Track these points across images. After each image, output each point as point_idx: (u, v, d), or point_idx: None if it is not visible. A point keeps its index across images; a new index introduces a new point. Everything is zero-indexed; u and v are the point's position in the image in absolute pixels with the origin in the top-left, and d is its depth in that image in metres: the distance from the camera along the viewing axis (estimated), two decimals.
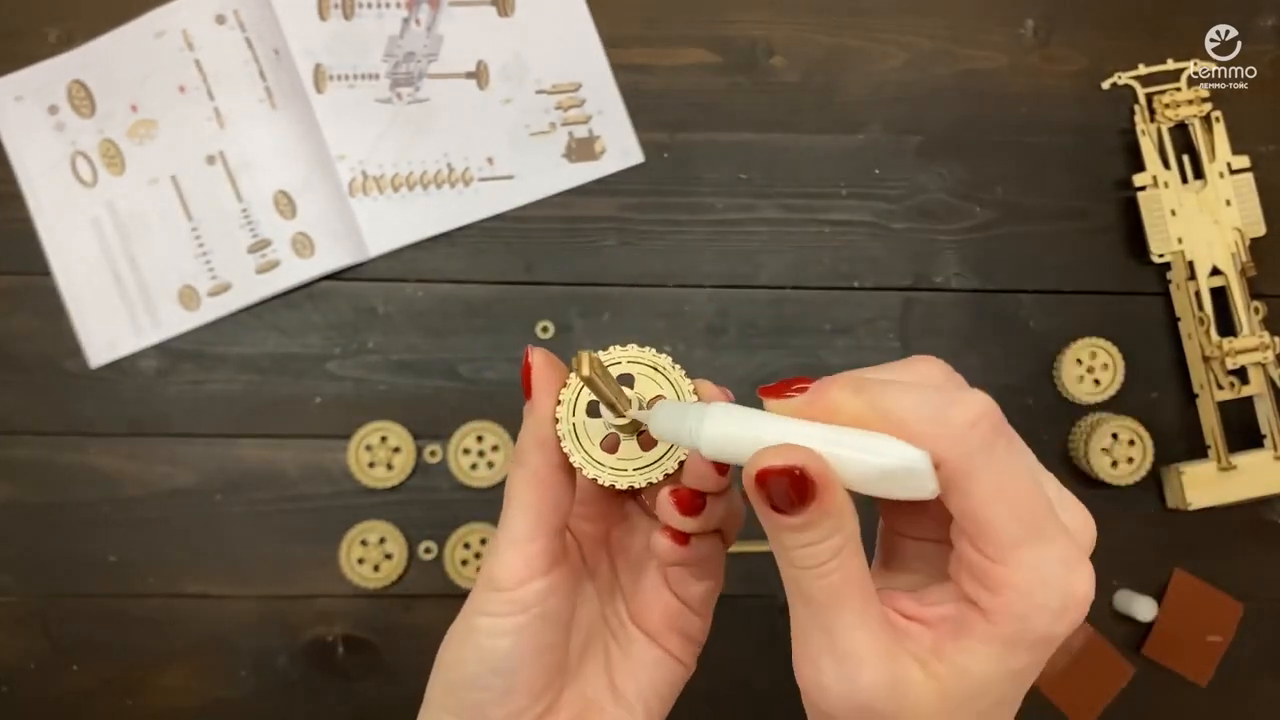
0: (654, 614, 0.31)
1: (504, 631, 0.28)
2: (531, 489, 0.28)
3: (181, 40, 0.61)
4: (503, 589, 0.28)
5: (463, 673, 0.28)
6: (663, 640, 0.31)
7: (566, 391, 0.28)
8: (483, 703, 0.28)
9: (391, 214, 0.61)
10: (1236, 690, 0.63)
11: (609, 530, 0.32)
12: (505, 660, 0.28)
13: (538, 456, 0.28)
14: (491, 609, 0.28)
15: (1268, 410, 0.61)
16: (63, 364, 0.61)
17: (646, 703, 0.31)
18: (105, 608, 0.61)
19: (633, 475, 0.28)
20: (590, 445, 0.28)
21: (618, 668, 0.31)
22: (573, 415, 0.27)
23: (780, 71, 0.63)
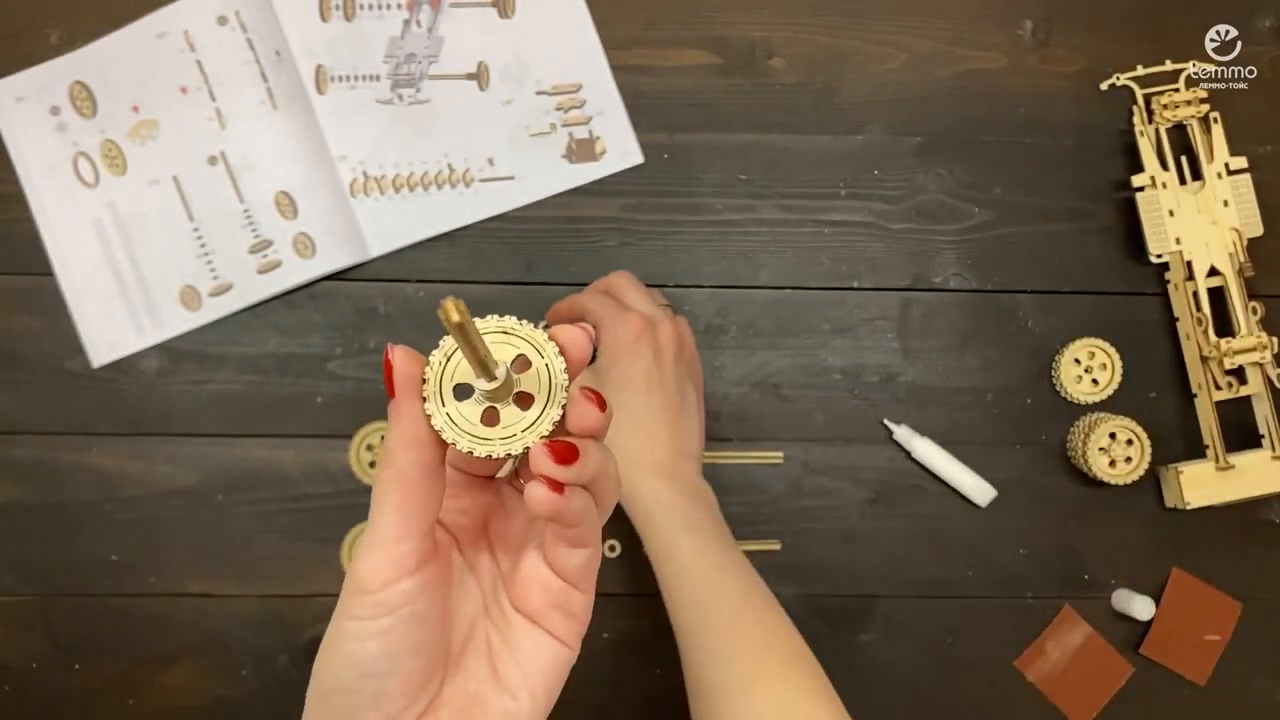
0: (534, 594, 0.31)
1: (371, 634, 0.27)
2: (399, 490, 0.27)
3: (183, 41, 0.62)
4: (369, 591, 0.27)
5: (334, 679, 0.28)
6: (544, 621, 0.31)
7: (429, 385, 0.27)
8: (357, 707, 0.28)
9: (392, 214, 0.62)
10: (1234, 689, 0.63)
11: (486, 520, 0.32)
12: (375, 663, 0.27)
13: (405, 456, 0.27)
14: (358, 612, 0.27)
15: (1265, 410, 0.62)
16: (64, 364, 0.61)
17: (531, 690, 0.31)
18: (107, 607, 0.61)
19: (522, 437, 0.27)
20: (471, 426, 0.27)
21: (500, 657, 0.31)
22: (443, 405, 0.27)
23: (780, 72, 0.64)
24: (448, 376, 0.27)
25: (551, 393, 0.27)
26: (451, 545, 0.31)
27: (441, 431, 0.27)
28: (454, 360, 0.27)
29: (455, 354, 0.27)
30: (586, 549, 0.30)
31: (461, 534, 0.32)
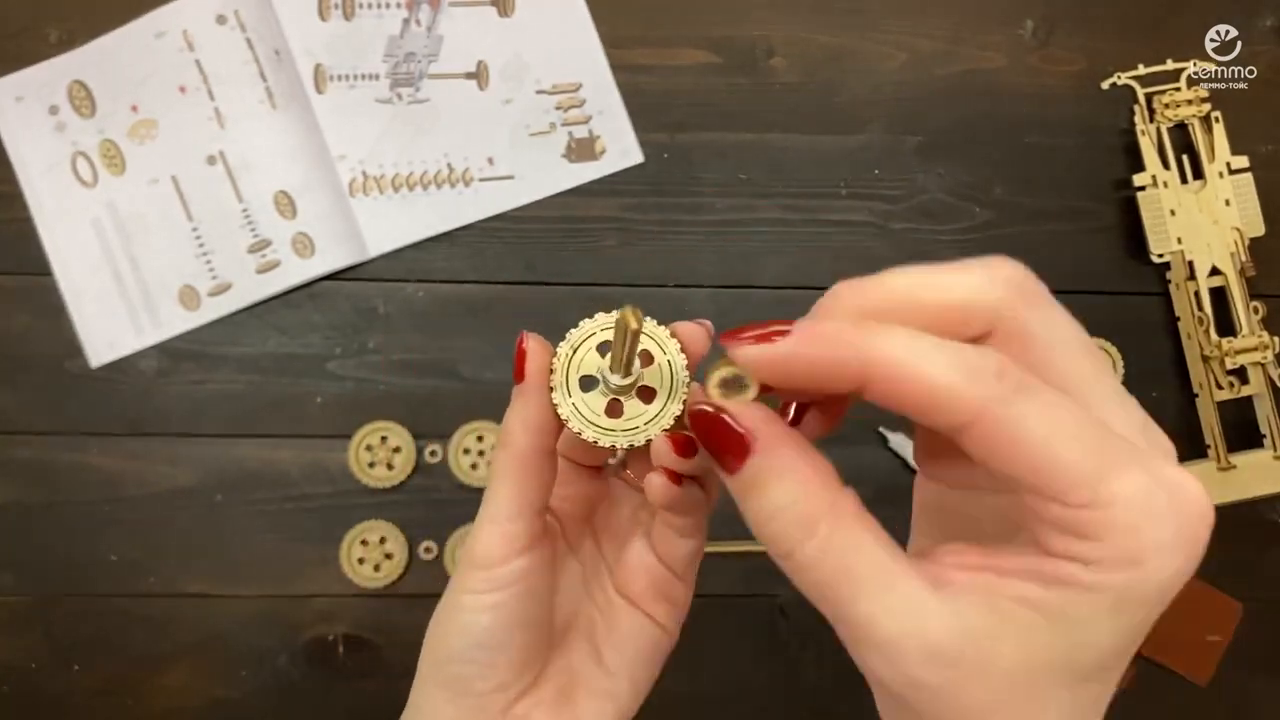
0: (639, 580, 0.32)
1: (485, 607, 0.29)
2: (518, 470, 0.28)
3: (182, 40, 0.61)
4: (485, 566, 0.28)
5: (448, 647, 0.29)
6: (647, 606, 0.32)
7: (556, 376, 0.28)
8: (468, 676, 0.29)
9: (392, 214, 0.61)
10: (1236, 690, 0.63)
11: (592, 510, 0.33)
12: (487, 635, 0.29)
13: (526, 439, 0.28)
14: (473, 586, 0.29)
15: (1267, 410, 0.61)
16: (63, 364, 0.61)
17: (632, 671, 0.32)
18: (106, 607, 0.61)
19: (644, 430, 0.28)
20: (596, 417, 0.28)
21: (603, 639, 0.32)
22: (569, 394, 0.28)
23: (780, 72, 0.63)
24: (574, 368, 0.28)
25: (673, 388, 0.28)
26: (557, 530, 0.33)
27: (568, 420, 0.28)
28: (580, 353, 0.28)
29: (582, 347, 0.28)
30: (694, 539, 0.31)
31: (566, 520, 0.33)
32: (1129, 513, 0.19)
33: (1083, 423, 0.20)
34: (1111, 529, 0.19)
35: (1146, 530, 0.19)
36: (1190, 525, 0.19)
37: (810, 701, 0.62)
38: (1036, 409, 0.19)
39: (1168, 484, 0.19)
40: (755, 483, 0.22)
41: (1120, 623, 0.20)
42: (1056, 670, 0.20)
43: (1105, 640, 0.20)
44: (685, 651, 0.62)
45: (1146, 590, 0.19)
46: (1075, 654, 0.20)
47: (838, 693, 0.62)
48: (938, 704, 0.20)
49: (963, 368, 0.20)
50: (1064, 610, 0.19)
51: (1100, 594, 0.19)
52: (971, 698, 0.20)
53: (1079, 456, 0.19)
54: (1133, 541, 0.19)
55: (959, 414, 0.20)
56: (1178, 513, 0.19)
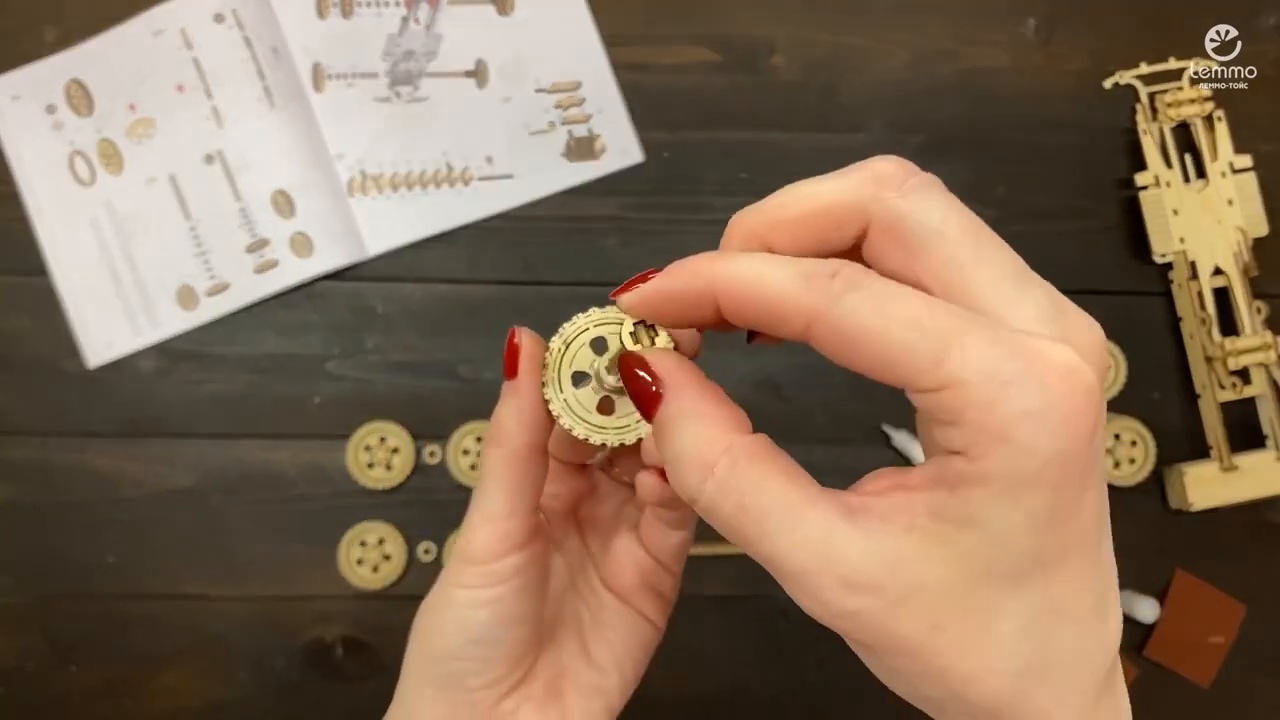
0: (627, 574, 0.32)
1: (482, 603, 0.28)
2: (512, 467, 0.28)
3: (180, 39, 0.61)
4: (480, 562, 0.28)
5: (442, 644, 0.29)
6: (635, 600, 0.32)
7: (548, 371, 0.28)
8: (462, 673, 0.29)
9: (390, 213, 0.61)
10: (1238, 691, 0.63)
11: (577, 505, 0.34)
12: (484, 631, 0.29)
13: (521, 436, 0.28)
14: (469, 581, 0.28)
15: (1270, 411, 0.61)
16: (60, 364, 0.61)
17: (620, 665, 0.32)
18: (104, 608, 0.60)
19: (635, 428, 0.28)
20: (587, 414, 0.28)
21: (590, 633, 0.32)
22: (561, 390, 0.28)
23: (781, 70, 0.63)
24: (566, 364, 0.28)
25: None
26: (546, 526, 0.33)
27: (559, 417, 0.28)
28: (572, 349, 0.28)
29: (574, 342, 0.28)
30: (683, 532, 0.32)
31: (551, 516, 0.33)
32: (979, 386, 0.18)
33: (919, 305, 0.19)
34: (966, 406, 0.18)
35: (1002, 400, 0.18)
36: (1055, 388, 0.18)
37: (810, 702, 0.62)
38: (869, 300, 0.19)
39: (1023, 351, 0.18)
40: (662, 428, 0.22)
41: (1025, 509, 0.18)
42: (988, 578, 0.19)
43: (1020, 534, 0.19)
44: (685, 651, 0.62)
45: (1031, 467, 0.18)
46: (997, 556, 0.19)
47: (838, 693, 0.62)
48: (874, 634, 0.20)
49: (797, 275, 0.20)
50: (968, 512, 0.19)
51: (987, 484, 0.18)
52: (907, 624, 0.19)
53: (917, 339, 0.18)
54: (991, 415, 0.18)
55: (797, 318, 0.20)
56: (1040, 376, 0.18)
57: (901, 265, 0.21)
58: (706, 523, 0.22)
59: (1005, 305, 0.20)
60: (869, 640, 0.20)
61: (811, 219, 0.22)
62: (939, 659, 0.20)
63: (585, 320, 0.28)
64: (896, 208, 0.21)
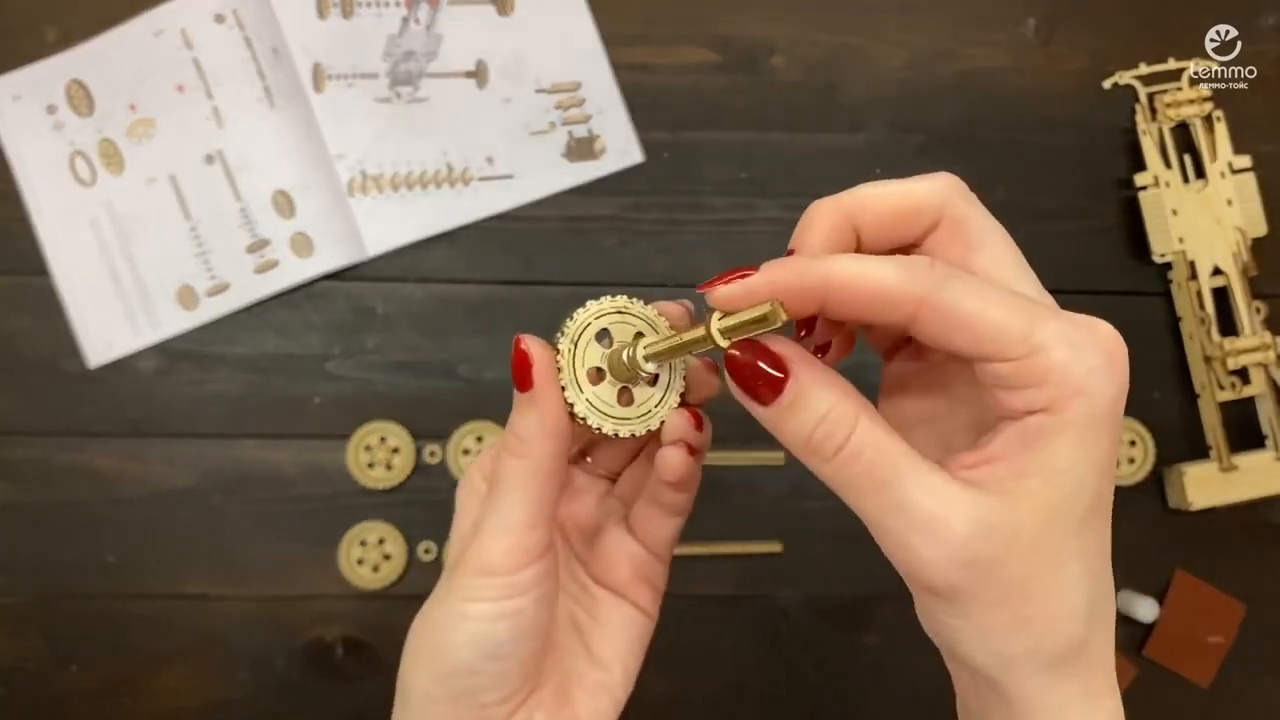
0: (621, 568, 0.32)
1: (502, 615, 0.28)
2: (534, 479, 0.28)
3: (180, 39, 0.61)
4: (501, 574, 0.28)
5: (455, 660, 0.28)
6: (630, 594, 0.32)
7: (564, 374, 0.28)
8: (476, 689, 0.28)
9: (390, 213, 0.61)
10: (1238, 691, 0.63)
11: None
12: (503, 645, 0.28)
13: (545, 447, 0.28)
14: (487, 594, 0.28)
15: (1269, 410, 0.61)
16: (61, 364, 0.61)
17: (622, 660, 0.32)
18: (104, 608, 0.60)
19: (656, 412, 0.28)
20: (610, 408, 0.28)
21: (589, 632, 0.32)
22: (581, 391, 0.28)
23: (781, 70, 0.63)
24: (580, 363, 0.28)
25: (672, 367, 0.29)
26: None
27: (585, 418, 0.28)
28: (581, 346, 0.28)
29: (581, 339, 0.28)
30: (680, 519, 0.32)
31: None
32: (1060, 351, 0.23)
33: (1005, 293, 0.23)
34: (1051, 369, 0.23)
35: (1078, 361, 0.23)
36: (1111, 350, 0.24)
37: (810, 702, 0.62)
38: (966, 287, 0.23)
39: (1083, 324, 0.24)
40: (795, 402, 0.24)
41: (1091, 454, 0.23)
42: (1063, 522, 0.23)
43: (1088, 477, 0.23)
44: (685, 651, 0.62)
45: (1098, 414, 0.23)
46: (1070, 501, 0.23)
47: (837, 693, 0.62)
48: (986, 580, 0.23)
49: (901, 267, 0.23)
50: (1050, 463, 0.23)
51: (1068, 432, 0.23)
52: (1011, 569, 0.23)
53: (1009, 318, 0.23)
54: (1072, 374, 0.23)
55: (906, 304, 0.23)
56: (1098, 343, 0.24)
57: (959, 256, 0.26)
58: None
59: (1032, 292, 0.25)
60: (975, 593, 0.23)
61: (901, 211, 0.26)
62: (1029, 606, 0.23)
63: (585, 315, 0.28)
64: (965, 211, 0.26)
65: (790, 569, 0.62)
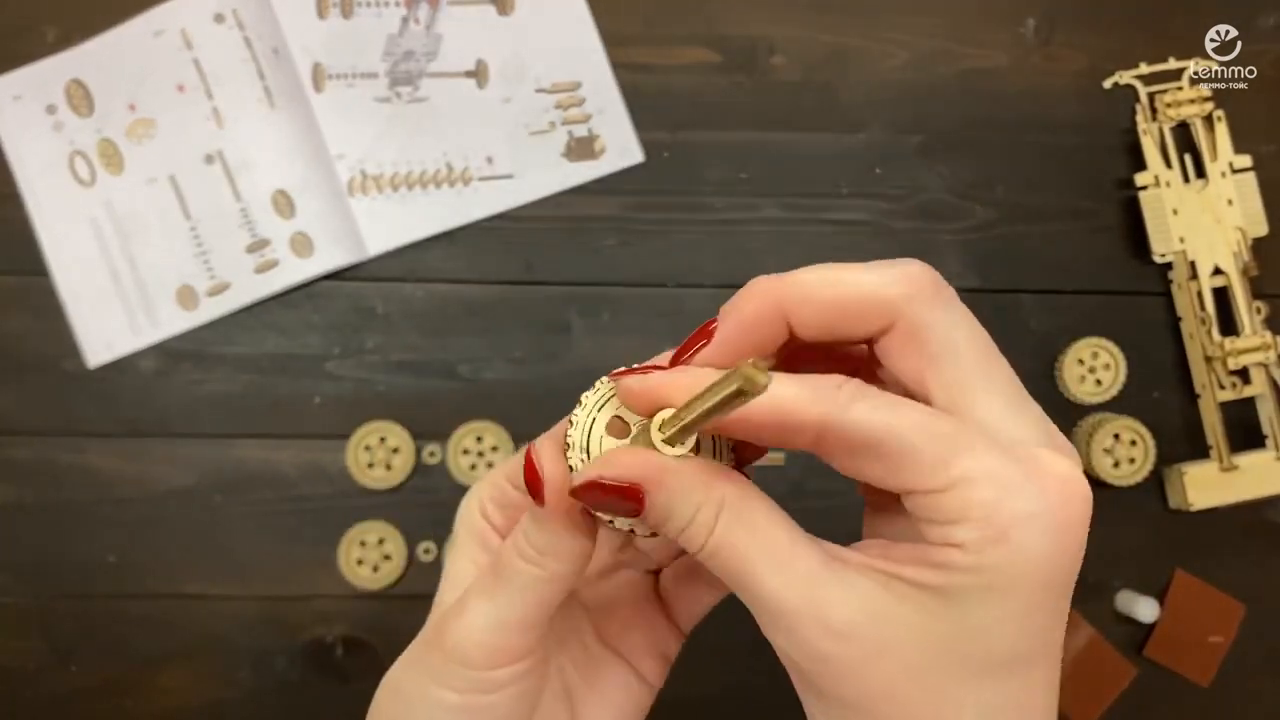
0: (634, 635, 0.29)
1: (468, 710, 0.24)
2: (543, 588, 0.24)
3: (180, 39, 0.61)
4: (474, 668, 0.24)
5: None
6: (638, 663, 0.29)
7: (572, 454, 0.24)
8: None
9: (391, 213, 0.61)
10: (1238, 691, 0.63)
11: None
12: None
13: (564, 566, 0.24)
14: (456, 684, 0.24)
15: (1270, 410, 0.61)
16: (61, 364, 0.61)
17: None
18: (104, 608, 0.60)
19: None
20: None
21: (580, 698, 0.28)
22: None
23: (781, 70, 0.63)
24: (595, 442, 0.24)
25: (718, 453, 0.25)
26: None
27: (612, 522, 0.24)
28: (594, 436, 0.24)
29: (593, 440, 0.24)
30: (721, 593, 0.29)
31: None
32: (983, 488, 0.19)
33: (925, 415, 0.20)
34: (969, 506, 0.19)
35: (1004, 503, 0.19)
36: (1056, 497, 0.20)
37: None
38: (873, 408, 0.20)
39: (1025, 461, 0.20)
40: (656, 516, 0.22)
41: (1006, 608, 0.20)
42: (955, 662, 0.20)
43: (996, 628, 0.20)
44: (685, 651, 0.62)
45: (1022, 568, 0.19)
46: (969, 643, 0.20)
47: None
48: (841, 682, 0.21)
49: (807, 387, 0.21)
50: (948, 592, 0.20)
51: (976, 575, 0.19)
52: (872, 679, 0.20)
53: (924, 442, 0.20)
54: (992, 516, 0.19)
55: (807, 427, 0.21)
56: (1040, 487, 0.19)
57: (914, 369, 0.22)
58: None
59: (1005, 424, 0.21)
60: (830, 689, 0.21)
61: (845, 303, 0.22)
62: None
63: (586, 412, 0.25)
64: (926, 316, 0.22)
65: None
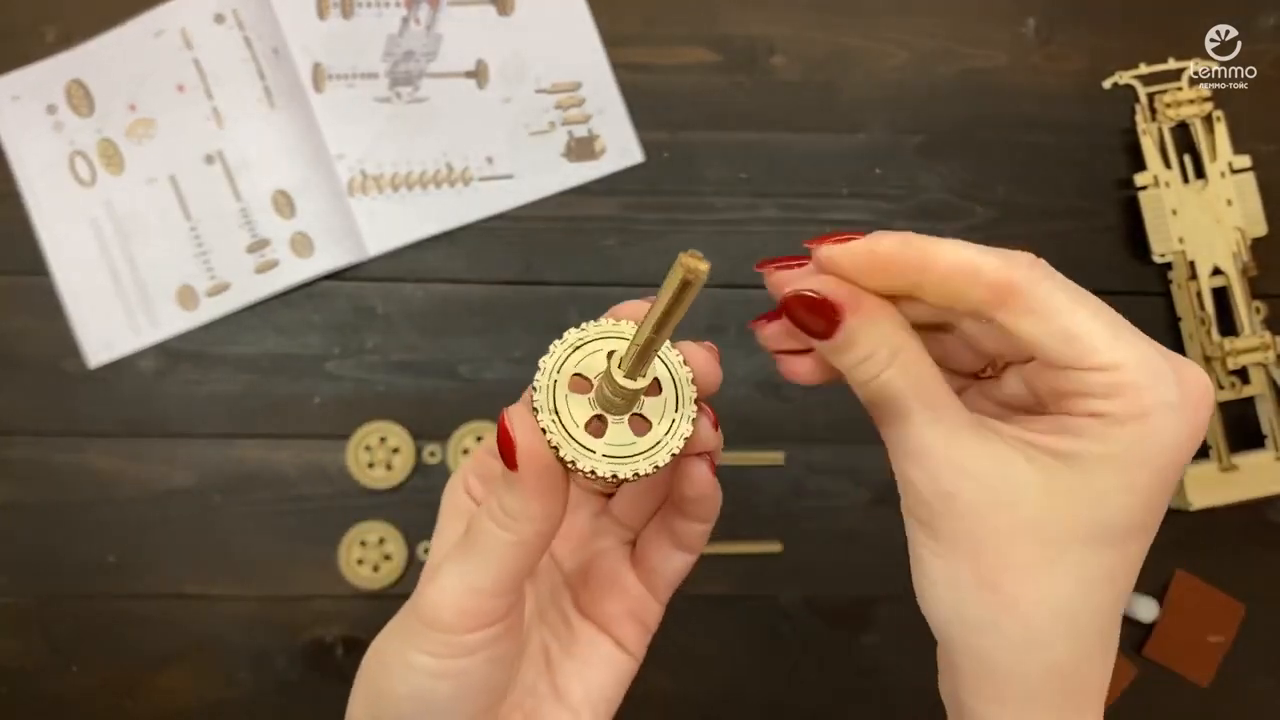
0: (610, 600, 0.29)
1: (445, 673, 0.25)
2: (516, 551, 0.24)
3: (180, 39, 0.61)
4: (448, 631, 0.24)
5: (395, 710, 0.26)
6: (617, 630, 0.29)
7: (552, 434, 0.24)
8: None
9: (391, 213, 0.61)
10: (1237, 691, 0.63)
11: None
12: (445, 704, 0.25)
13: (532, 528, 0.24)
14: (431, 648, 0.25)
15: (1269, 410, 0.61)
16: (61, 364, 0.61)
17: (593, 705, 0.28)
18: (104, 608, 0.60)
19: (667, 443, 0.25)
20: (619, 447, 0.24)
21: (560, 669, 0.29)
22: (559, 425, 0.24)
23: (781, 70, 0.63)
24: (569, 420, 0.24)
25: (679, 393, 0.25)
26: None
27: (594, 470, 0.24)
28: (563, 402, 0.24)
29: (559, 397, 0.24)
30: (693, 555, 0.29)
31: None
32: (1137, 372, 0.21)
33: (1100, 306, 0.23)
34: (1121, 387, 0.21)
35: (1151, 389, 0.21)
36: (1193, 395, 0.22)
37: (810, 702, 0.62)
38: (1062, 288, 0.23)
39: (1175, 360, 0.22)
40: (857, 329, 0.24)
41: (1130, 480, 0.22)
42: (1067, 523, 0.22)
43: (1113, 498, 0.22)
44: (685, 651, 0.62)
45: (1151, 448, 0.22)
46: (1085, 509, 0.22)
47: (837, 694, 0.62)
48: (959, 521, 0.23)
49: (1001, 255, 0.23)
50: (1078, 458, 0.22)
51: (1111, 445, 0.22)
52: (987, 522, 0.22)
53: (1096, 327, 0.22)
54: (1139, 397, 0.21)
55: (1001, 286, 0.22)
56: (1181, 382, 0.22)
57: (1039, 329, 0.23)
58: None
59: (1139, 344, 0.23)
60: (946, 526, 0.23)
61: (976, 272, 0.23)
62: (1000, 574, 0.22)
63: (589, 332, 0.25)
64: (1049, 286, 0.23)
65: (790, 569, 0.62)
